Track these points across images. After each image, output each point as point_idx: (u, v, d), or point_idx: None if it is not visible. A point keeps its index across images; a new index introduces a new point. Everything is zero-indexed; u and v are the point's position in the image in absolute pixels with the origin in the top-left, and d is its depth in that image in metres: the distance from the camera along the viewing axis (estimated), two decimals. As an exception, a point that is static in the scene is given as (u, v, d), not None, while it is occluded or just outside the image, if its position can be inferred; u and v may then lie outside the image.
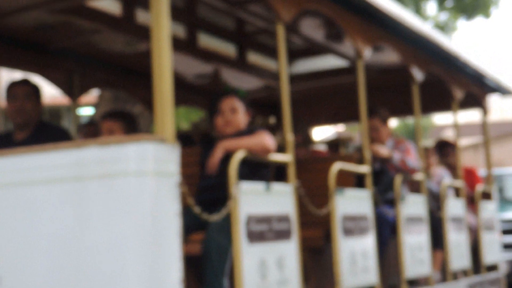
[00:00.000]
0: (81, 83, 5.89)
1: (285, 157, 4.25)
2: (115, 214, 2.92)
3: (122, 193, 2.94)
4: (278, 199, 4.03)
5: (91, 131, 5.93)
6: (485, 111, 8.07)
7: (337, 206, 4.65)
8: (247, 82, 6.97)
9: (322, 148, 7.89)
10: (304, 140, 6.39)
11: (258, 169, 4.22)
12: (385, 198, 5.70)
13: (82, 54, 5.84)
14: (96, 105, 9.54)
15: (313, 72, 7.30)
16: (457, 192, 7.20)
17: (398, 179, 5.62)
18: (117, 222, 2.91)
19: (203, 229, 3.85)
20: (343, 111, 7.90)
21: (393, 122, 33.45)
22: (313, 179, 5.23)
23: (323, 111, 8.02)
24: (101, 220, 2.93)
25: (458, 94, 7.17)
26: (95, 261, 2.90)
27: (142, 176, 2.95)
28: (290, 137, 4.30)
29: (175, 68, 6.00)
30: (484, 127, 8.10)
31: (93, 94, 9.84)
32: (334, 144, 6.95)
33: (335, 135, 8.13)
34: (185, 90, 6.90)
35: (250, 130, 4.31)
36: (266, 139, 4.07)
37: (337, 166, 4.77)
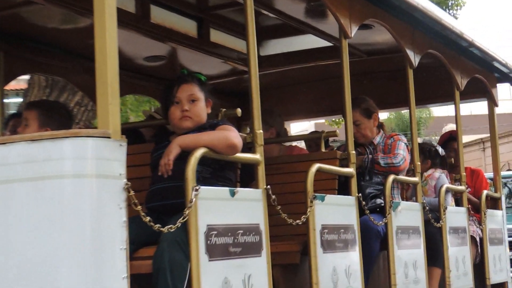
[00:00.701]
0: (7, 66, 5.83)
1: (254, 156, 4.25)
2: (47, 224, 2.90)
3: (56, 199, 2.93)
4: (245, 207, 4.03)
5: (19, 124, 5.88)
6: (493, 102, 8.13)
7: (316, 215, 4.67)
8: (210, 66, 6.95)
9: (300, 145, 7.90)
10: (277, 136, 6.40)
11: (221, 170, 4.22)
12: (373, 205, 5.73)
13: (8, 31, 5.78)
14: (26, 93, 9.46)
15: (289, 55, 7.30)
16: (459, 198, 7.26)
17: (389, 181, 5.65)
18: (50, 234, 2.89)
19: (155, 242, 3.84)
20: (324, 102, 7.92)
21: (385, 114, 33.53)
22: (288, 182, 5.27)
23: (300, 101, 8.03)
24: (30, 231, 2.90)
25: (462, 81, 7.22)
26: (21, 280, 2.88)
27: (80, 178, 2.94)
28: (260, 131, 4.30)
29: (122, 49, 5.96)
30: (491, 121, 8.16)
31: (23, 79, 9.78)
32: (314, 141, 6.96)
33: (315, 130, 8.16)
34: (134, 75, 6.87)
35: (212, 123, 4.30)
36: (231, 135, 4.07)
37: (316, 167, 4.78)
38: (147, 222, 3.45)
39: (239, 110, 4.58)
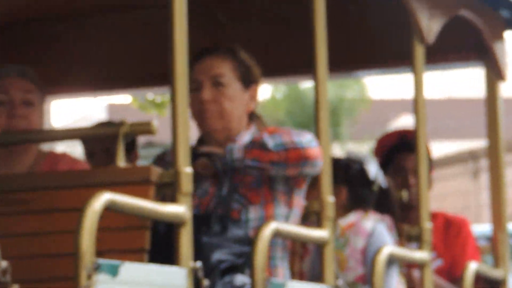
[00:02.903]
0: None
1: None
2: None
3: None
4: None
5: None
6: (497, 71, 8.23)
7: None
8: None
9: (76, 153, 7.94)
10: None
11: None
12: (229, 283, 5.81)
13: None
14: None
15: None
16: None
17: (266, 233, 5.63)
18: None
19: None
20: (130, 58, 8.11)
21: (267, 90, 34.10)
22: (43, 232, 5.43)
23: (78, 56, 8.20)
24: None
25: (431, 25, 7.31)
26: None
27: None
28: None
29: None
30: (491, 113, 8.28)
31: None
32: (102, 143, 7.03)
33: (107, 120, 8.32)
34: None
35: None
36: None
37: (103, 201, 4.75)
38: None
39: None
